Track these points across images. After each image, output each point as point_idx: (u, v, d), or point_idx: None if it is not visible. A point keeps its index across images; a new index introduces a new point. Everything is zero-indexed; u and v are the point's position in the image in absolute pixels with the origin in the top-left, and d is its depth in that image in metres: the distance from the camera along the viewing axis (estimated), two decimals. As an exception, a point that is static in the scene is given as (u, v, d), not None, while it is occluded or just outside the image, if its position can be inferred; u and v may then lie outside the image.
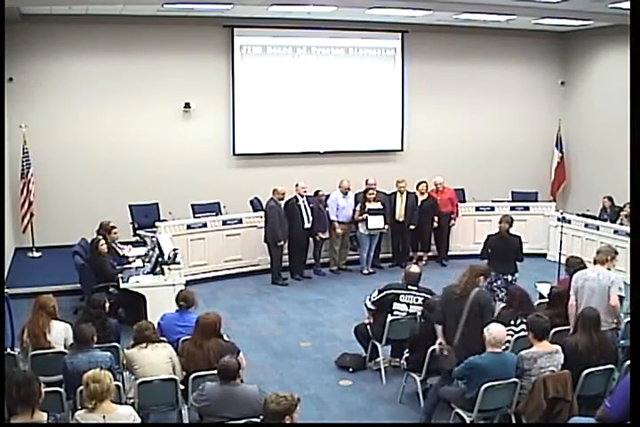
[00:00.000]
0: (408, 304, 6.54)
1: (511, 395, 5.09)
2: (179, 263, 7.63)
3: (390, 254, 10.89)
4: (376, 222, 10.18)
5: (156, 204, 11.00)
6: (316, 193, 10.30)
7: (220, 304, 8.68)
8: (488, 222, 11.20)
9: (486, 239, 8.38)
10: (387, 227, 10.32)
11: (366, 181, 10.51)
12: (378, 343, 6.62)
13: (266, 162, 12.16)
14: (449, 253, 11.10)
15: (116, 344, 5.84)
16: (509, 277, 7.89)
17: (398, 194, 10.62)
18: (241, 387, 4.67)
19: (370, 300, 6.72)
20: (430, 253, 11.04)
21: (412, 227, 10.61)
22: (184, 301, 6.07)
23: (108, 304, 6.20)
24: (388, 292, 6.60)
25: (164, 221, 10.22)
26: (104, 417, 4.11)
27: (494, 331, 5.14)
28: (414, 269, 6.81)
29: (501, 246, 8.09)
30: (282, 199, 9.87)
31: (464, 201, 11.62)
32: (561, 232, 9.46)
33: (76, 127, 11.19)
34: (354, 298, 8.81)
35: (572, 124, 13.49)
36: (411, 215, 10.57)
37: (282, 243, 9.81)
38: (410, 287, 6.59)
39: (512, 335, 5.85)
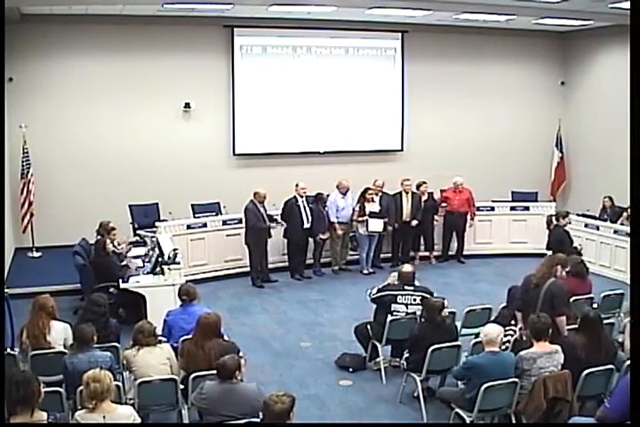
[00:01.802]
0: (406, 305, 6.51)
1: (511, 395, 5.09)
2: (179, 263, 7.62)
3: (390, 254, 10.87)
4: (376, 225, 10.14)
5: (156, 204, 11.01)
6: (317, 196, 10.19)
7: (220, 304, 8.65)
8: (488, 222, 11.25)
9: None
10: (389, 228, 10.32)
11: (374, 181, 10.47)
12: (378, 343, 6.61)
13: (266, 162, 12.16)
14: (449, 253, 11.10)
15: (116, 344, 5.84)
16: None
17: (404, 194, 10.57)
18: (240, 385, 4.67)
19: (370, 294, 6.68)
20: (433, 253, 11.02)
21: (414, 223, 10.53)
22: (186, 294, 6.14)
23: (108, 304, 6.20)
24: (385, 293, 6.59)
25: (164, 221, 10.22)
26: (104, 417, 4.12)
27: (486, 330, 5.15)
28: (407, 268, 6.74)
29: (550, 238, 9.11)
30: (262, 202, 9.75)
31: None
32: (561, 232, 9.47)
33: (76, 127, 11.19)
34: (354, 298, 8.81)
35: (571, 124, 13.49)
36: (415, 214, 10.56)
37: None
38: (406, 288, 6.56)
39: (512, 335, 5.85)
